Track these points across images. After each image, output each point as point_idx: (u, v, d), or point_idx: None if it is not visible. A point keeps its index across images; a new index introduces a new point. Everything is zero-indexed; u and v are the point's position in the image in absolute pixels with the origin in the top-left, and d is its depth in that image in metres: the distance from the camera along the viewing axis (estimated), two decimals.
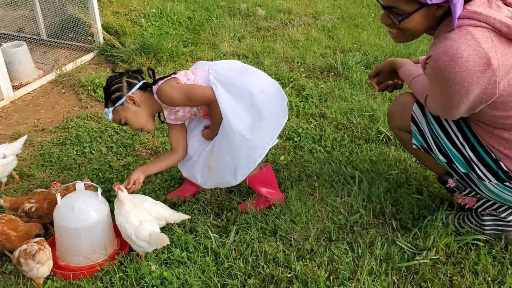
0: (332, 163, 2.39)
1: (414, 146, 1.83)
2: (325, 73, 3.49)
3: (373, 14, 4.64)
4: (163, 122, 2.11)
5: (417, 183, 2.20)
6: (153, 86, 1.92)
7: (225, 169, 1.97)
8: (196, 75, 1.95)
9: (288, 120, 2.84)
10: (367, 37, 4.01)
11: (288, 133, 2.71)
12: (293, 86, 3.28)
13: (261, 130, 1.90)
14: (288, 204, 2.09)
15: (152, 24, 4.39)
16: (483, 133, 1.61)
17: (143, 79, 2.02)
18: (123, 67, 3.63)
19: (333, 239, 1.91)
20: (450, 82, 1.42)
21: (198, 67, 2.00)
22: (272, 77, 2.06)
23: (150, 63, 3.65)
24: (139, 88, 1.96)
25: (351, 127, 2.73)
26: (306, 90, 3.20)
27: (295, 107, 3.00)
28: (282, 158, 2.47)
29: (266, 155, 2.47)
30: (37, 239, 1.77)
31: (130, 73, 2.01)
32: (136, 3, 4.77)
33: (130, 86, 1.95)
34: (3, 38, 3.73)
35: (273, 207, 2.08)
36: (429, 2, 1.39)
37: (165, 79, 1.91)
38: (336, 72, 3.46)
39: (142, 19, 4.46)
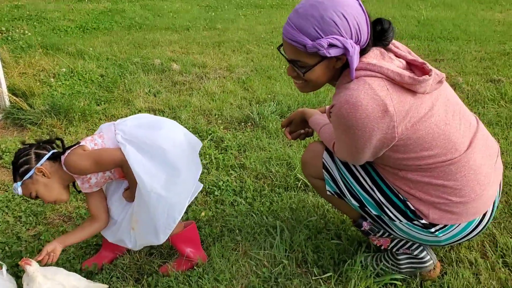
0: (254, 214, 2.40)
1: (328, 193, 1.89)
2: (242, 124, 3.56)
3: (284, 66, 4.85)
4: (80, 191, 2.01)
5: (336, 227, 2.26)
6: (61, 157, 1.84)
7: (147, 229, 1.90)
8: (103, 138, 1.90)
9: (208, 173, 2.85)
10: (280, 88, 4.17)
11: (208, 187, 2.69)
12: (211, 138, 3.30)
13: (178, 186, 1.86)
14: (211, 262, 2.05)
15: (63, 83, 4.26)
16: (389, 175, 1.70)
17: (54, 148, 1.93)
18: (32, 129, 3.46)
19: None
20: (353, 128, 1.50)
21: (104, 129, 1.95)
22: (190, 131, 2.05)
23: (62, 124, 3.51)
24: (49, 159, 1.87)
25: (270, 176, 2.78)
26: (225, 142, 3.23)
27: (215, 159, 3.01)
28: (203, 214, 2.44)
29: (186, 212, 2.43)
30: None
31: (39, 144, 1.92)
32: (45, 62, 4.64)
33: (39, 157, 1.85)
34: None
35: (195, 267, 2.03)
36: (328, 55, 1.48)
37: (71, 149, 1.84)
38: (253, 122, 3.54)
39: (52, 79, 4.33)
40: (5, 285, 1.70)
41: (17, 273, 2.01)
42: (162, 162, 1.85)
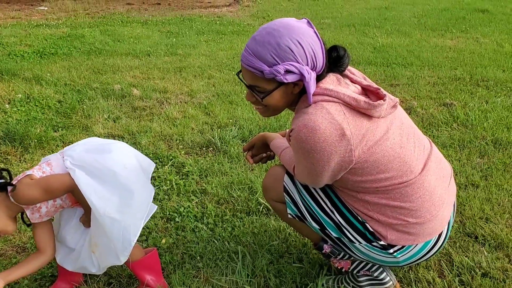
0: (216, 240, 2.37)
1: (289, 216, 1.90)
2: (204, 148, 3.55)
3: (245, 91, 4.90)
4: (29, 225, 1.93)
5: (298, 251, 2.26)
6: (8, 188, 1.77)
7: (107, 251, 1.85)
8: (51, 166, 1.84)
9: (169, 199, 2.81)
10: (241, 113, 4.20)
11: (169, 214, 2.65)
12: (172, 164, 3.27)
13: (131, 208, 1.82)
14: None
15: (18, 109, 4.15)
16: (348, 198, 1.73)
17: (2, 178, 1.85)
18: None
19: None
20: (312, 152, 1.53)
21: (51, 157, 1.90)
22: (150, 157, 2.03)
23: (17, 151, 3.40)
24: None
25: (232, 201, 2.77)
26: (186, 167, 3.21)
27: (176, 185, 2.98)
28: (163, 241, 2.40)
29: (147, 239, 2.39)
30: None
31: None
32: (0, 88, 4.51)
33: None
34: None
35: None
36: (285, 81, 1.51)
37: (16, 178, 1.78)
38: (214, 147, 3.54)
39: (7, 105, 4.20)
40: None
41: None
42: (114, 185, 1.81)
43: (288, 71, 1.50)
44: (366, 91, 1.67)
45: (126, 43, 7.22)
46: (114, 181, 1.81)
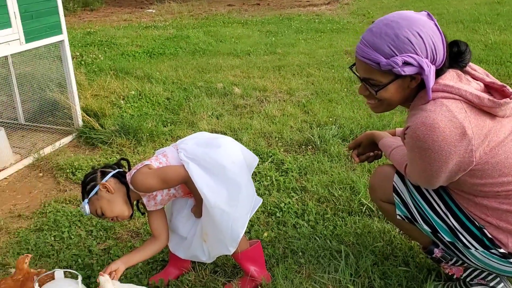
0: (317, 237, 2.37)
1: (398, 217, 1.84)
2: (303, 146, 3.56)
3: (345, 89, 4.83)
4: (143, 213, 2.08)
5: (403, 254, 2.19)
6: (127, 176, 1.92)
7: (217, 241, 1.93)
8: (167, 157, 1.95)
9: (269, 195, 2.86)
10: (341, 111, 4.15)
11: (270, 208, 2.70)
12: (272, 160, 3.32)
13: (239, 201, 1.89)
14: (275, 283, 2.04)
15: (132, 105, 4.46)
16: (463, 201, 1.64)
17: (120, 168, 2.02)
18: (103, 148, 3.63)
19: None
20: (429, 151, 1.47)
21: (167, 149, 2.01)
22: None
23: (131, 144, 3.66)
24: (114, 177, 1.95)
25: (333, 200, 2.75)
26: (286, 164, 3.24)
27: (276, 181, 3.02)
28: (265, 234, 2.45)
29: (249, 232, 2.45)
30: None
31: (106, 165, 2.02)
32: (116, 85, 4.88)
33: (104, 174, 1.95)
34: None
35: (259, 287, 2.03)
36: (403, 73, 1.47)
37: (136, 167, 1.91)
38: (314, 145, 3.53)
39: (122, 101, 4.54)
40: None
41: (88, 285, 2.09)
42: (223, 179, 1.89)
43: (406, 63, 1.45)
44: (489, 88, 1.57)
45: (227, 43, 7.46)
46: (223, 175, 1.89)
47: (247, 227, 2.47)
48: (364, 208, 2.62)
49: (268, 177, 3.08)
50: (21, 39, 3.39)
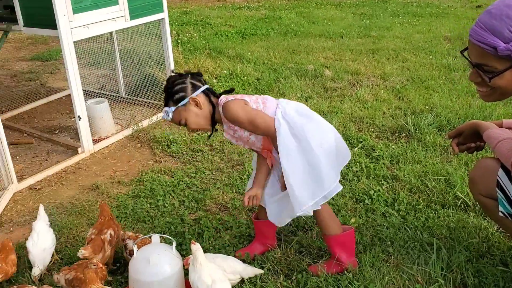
0: (407, 228, 2.30)
1: (500, 214, 1.73)
2: (396, 134, 3.44)
3: (443, 77, 4.58)
4: (210, 136, 2.12)
5: (501, 253, 2.05)
6: (219, 99, 1.94)
7: (300, 198, 1.91)
8: (265, 104, 1.94)
9: (358, 181, 2.81)
10: (438, 99, 3.94)
11: (358, 195, 2.65)
12: (362, 146, 3.25)
13: (312, 179, 1.89)
14: (361, 269, 2.01)
15: (223, 84, 4.57)
16: None
17: (206, 83, 2.02)
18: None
19: None
20: None
21: (269, 98, 2.00)
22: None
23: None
24: (204, 93, 1.95)
25: (426, 191, 2.64)
26: (376, 151, 3.16)
27: (365, 168, 2.96)
28: (353, 220, 2.41)
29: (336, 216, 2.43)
30: None
31: (192, 75, 1.99)
32: (209, 64, 5.03)
33: (195, 88, 1.94)
34: (87, 94, 4.01)
35: (345, 272, 2.01)
36: None
37: (234, 96, 1.93)
38: (407, 133, 3.40)
39: (214, 80, 4.67)
40: (174, 260, 1.87)
41: (180, 252, 2.20)
42: (305, 157, 1.88)
43: None
44: None
45: (320, 25, 7.35)
46: (307, 153, 1.88)
47: (333, 212, 2.46)
48: (460, 202, 2.48)
49: (358, 163, 3.02)
50: (126, 16, 3.59)
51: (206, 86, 1.97)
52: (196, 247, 1.86)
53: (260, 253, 2.22)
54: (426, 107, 3.82)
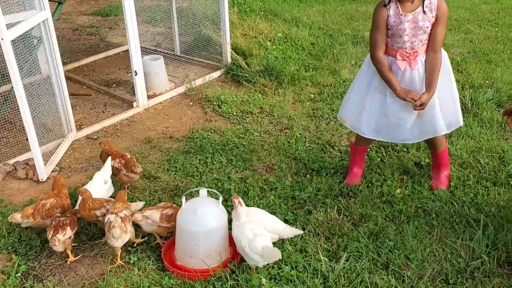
0: (455, 202, 2.26)
1: None
2: None
3: (508, 51, 4.34)
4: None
5: None
6: None
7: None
8: None
9: (408, 152, 2.77)
10: (500, 74, 3.76)
11: (406, 167, 2.62)
12: None
13: None
14: (403, 239, 2.02)
15: (277, 48, 4.55)
16: None
17: None
18: (246, 86, 3.79)
19: (451, 282, 1.80)
20: None
21: None
22: None
23: (272, 85, 3.77)
24: None
25: (477, 167, 2.57)
26: None
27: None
28: (398, 191, 2.40)
29: (381, 186, 2.42)
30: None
31: None
32: (264, 27, 4.99)
33: None
34: (143, 51, 4.11)
35: (387, 240, 2.02)
36: None
37: None
38: (464, 107, 3.28)
39: (268, 42, 4.65)
40: (220, 214, 1.95)
41: (225, 207, 2.28)
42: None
43: None
44: None
45: None
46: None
47: (379, 181, 2.47)
48: None
49: None
50: None
51: None
52: (241, 208, 1.92)
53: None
54: (487, 81, 3.66)
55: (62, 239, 1.95)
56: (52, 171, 2.73)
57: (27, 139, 2.62)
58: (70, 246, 2.03)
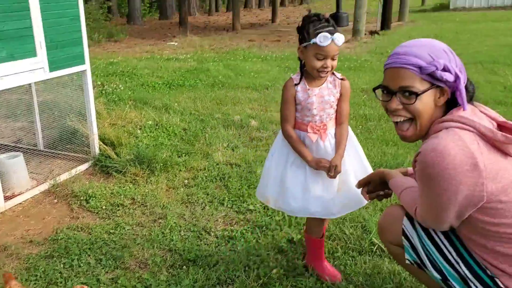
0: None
1: (407, 261, 1.80)
2: None
3: (360, 126, 4.83)
4: None
5: None
6: None
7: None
8: None
9: (281, 230, 2.83)
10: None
11: (282, 244, 2.67)
12: None
13: None
14: None
15: (148, 135, 4.53)
16: (476, 247, 1.59)
17: None
18: (117, 177, 3.66)
19: None
20: (438, 178, 1.44)
21: None
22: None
23: (144, 173, 3.69)
24: None
25: (344, 238, 2.71)
26: None
27: (287, 216, 2.99)
28: (274, 271, 2.41)
29: (258, 269, 2.42)
30: None
31: None
32: (134, 115, 4.98)
33: None
34: (1, 148, 3.81)
35: None
36: (443, 78, 1.52)
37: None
38: None
39: (138, 131, 4.62)
40: None
41: None
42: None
43: (445, 69, 1.52)
44: (501, 128, 1.56)
45: (246, 77, 7.57)
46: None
47: (256, 263, 2.46)
48: (375, 248, 2.58)
49: (280, 212, 3.06)
50: (45, 68, 3.50)
51: None
52: None
53: None
54: None
55: None
56: None
57: None
58: None
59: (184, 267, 2.51)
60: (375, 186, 2.02)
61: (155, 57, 9.81)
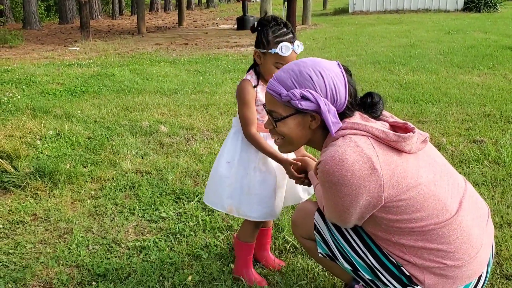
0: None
1: (319, 255, 1.85)
2: None
3: None
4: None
5: None
6: None
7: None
8: None
9: (195, 235, 2.79)
10: None
11: (196, 250, 2.62)
12: (198, 200, 3.26)
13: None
14: None
15: (49, 146, 4.24)
16: (382, 242, 1.66)
17: None
18: (15, 192, 3.38)
19: None
20: (339, 185, 1.50)
21: None
22: (177, 192, 2.03)
23: (46, 187, 3.45)
24: None
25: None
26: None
27: (202, 221, 2.96)
28: (189, 278, 2.36)
29: (172, 277, 2.35)
30: None
31: None
32: (33, 125, 4.64)
33: None
34: None
35: None
36: (300, 106, 1.55)
37: None
38: None
39: (38, 142, 4.31)
40: None
41: None
42: None
43: (303, 97, 1.55)
44: (393, 127, 1.65)
45: (154, 82, 7.38)
46: None
47: (171, 271, 2.40)
48: (289, 246, 2.62)
49: (194, 217, 3.01)
50: None
51: None
52: None
53: None
54: None
55: None
56: None
57: None
58: None
59: (94, 283, 2.37)
60: (299, 170, 2.06)
61: (55, 63, 9.25)
